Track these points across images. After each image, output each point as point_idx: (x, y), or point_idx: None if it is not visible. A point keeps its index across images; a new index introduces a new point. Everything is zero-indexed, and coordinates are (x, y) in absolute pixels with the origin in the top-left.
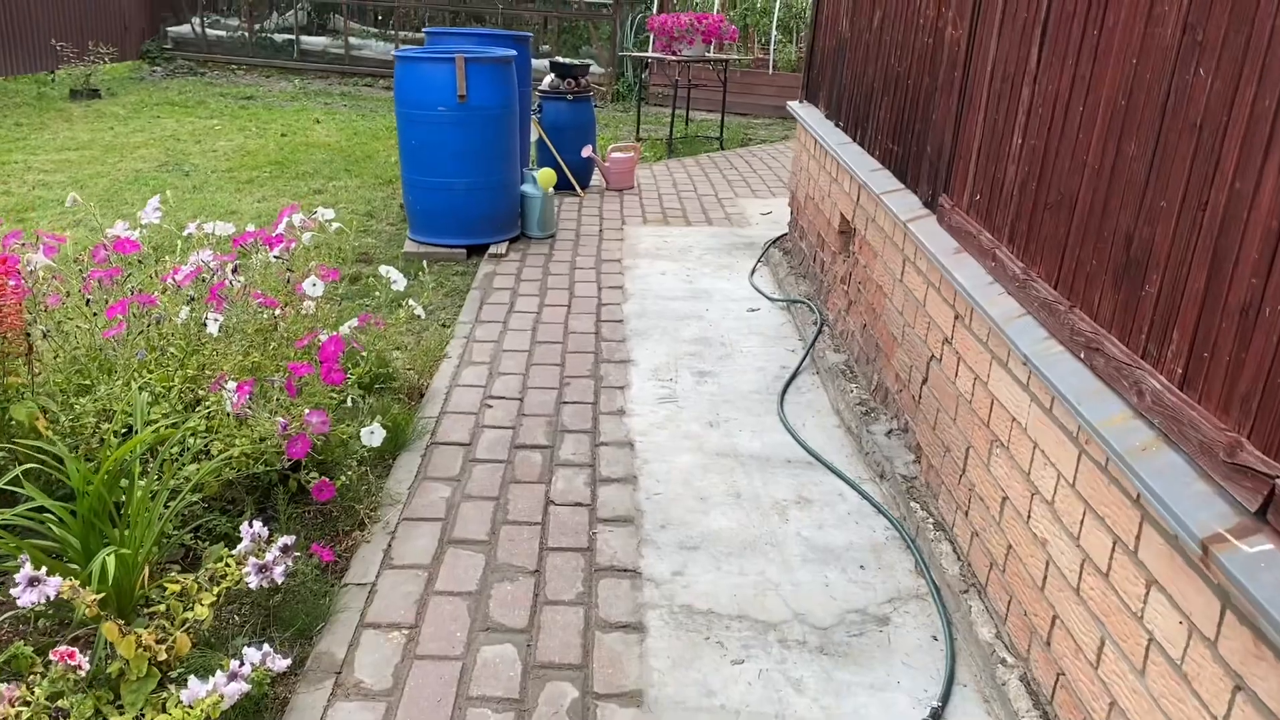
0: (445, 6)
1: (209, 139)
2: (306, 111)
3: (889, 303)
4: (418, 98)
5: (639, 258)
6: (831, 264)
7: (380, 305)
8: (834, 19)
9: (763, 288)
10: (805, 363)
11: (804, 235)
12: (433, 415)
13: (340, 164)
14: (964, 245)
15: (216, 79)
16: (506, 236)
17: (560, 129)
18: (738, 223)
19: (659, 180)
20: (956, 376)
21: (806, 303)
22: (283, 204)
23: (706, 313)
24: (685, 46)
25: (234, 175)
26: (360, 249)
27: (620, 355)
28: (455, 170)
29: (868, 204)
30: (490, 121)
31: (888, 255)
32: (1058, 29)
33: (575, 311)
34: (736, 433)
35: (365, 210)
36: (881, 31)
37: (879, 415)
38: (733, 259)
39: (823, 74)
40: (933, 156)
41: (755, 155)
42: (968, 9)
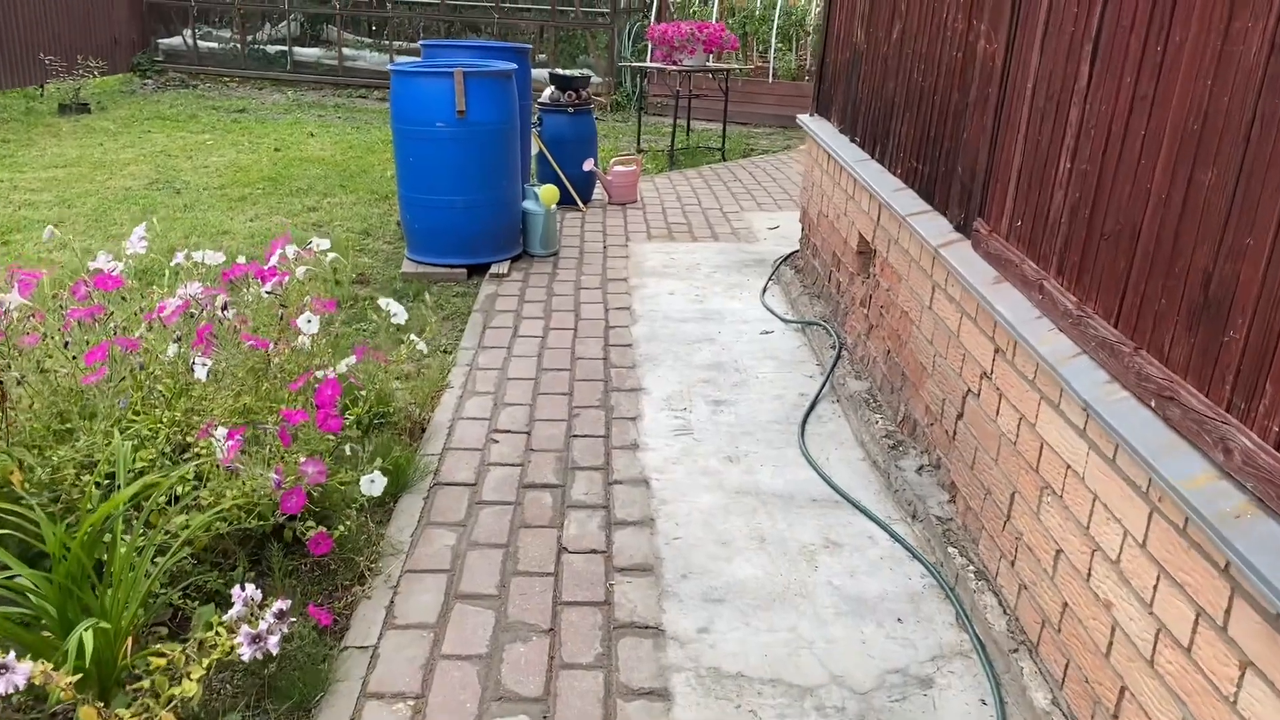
0: (440, 16)
1: (200, 154)
2: (300, 124)
3: (916, 330)
4: (415, 113)
5: (646, 276)
6: (849, 285)
7: (378, 330)
8: (847, 30)
9: (776, 308)
10: (825, 390)
11: (817, 254)
12: (435, 452)
13: (335, 179)
14: (1004, 274)
15: (208, 92)
16: (508, 255)
17: (561, 142)
18: (745, 238)
19: (662, 193)
20: (998, 415)
21: (823, 325)
22: (276, 222)
23: (718, 335)
24: (686, 56)
25: (226, 193)
26: (357, 269)
27: (631, 383)
28: (455, 188)
29: (890, 225)
30: (491, 137)
31: (914, 280)
32: (1112, 45)
33: (582, 335)
34: (757, 468)
35: (361, 228)
36: (902, 44)
37: (907, 449)
38: (742, 277)
39: (835, 87)
40: (964, 178)
41: (758, 166)
42: (1003, 22)
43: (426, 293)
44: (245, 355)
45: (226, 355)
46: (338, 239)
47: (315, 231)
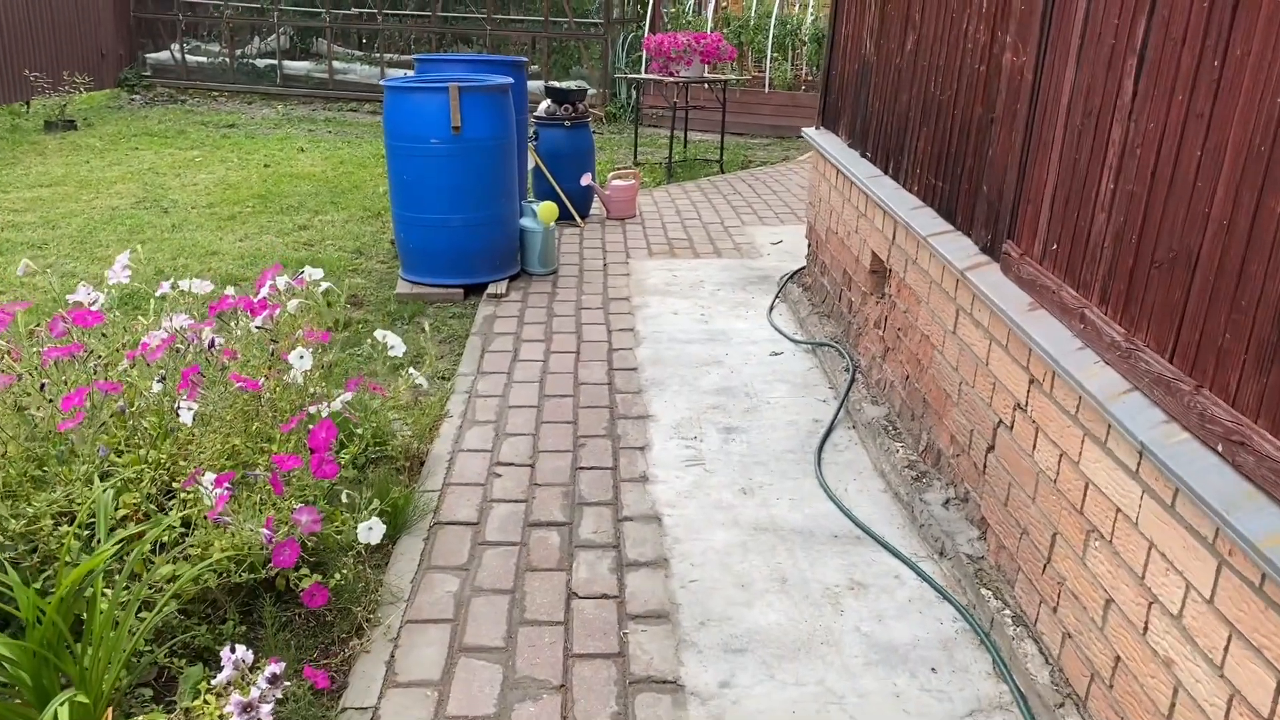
0: (431, 29)
1: (189, 172)
2: (290, 140)
3: (939, 356)
4: (409, 130)
5: (648, 295)
6: (861, 305)
7: (373, 356)
8: (855, 40)
9: (784, 328)
10: (840, 416)
11: (826, 271)
12: (435, 489)
13: (326, 196)
14: (1040, 301)
15: (197, 106)
16: (506, 274)
17: (558, 157)
18: (748, 253)
19: (661, 208)
20: (1035, 450)
21: (835, 346)
22: (266, 242)
23: (726, 357)
24: (683, 67)
25: (215, 211)
26: (350, 290)
27: (638, 409)
28: (450, 206)
29: (907, 244)
30: (487, 153)
31: (936, 303)
32: (1161, 59)
33: (585, 359)
34: (774, 501)
35: (354, 247)
36: (916, 55)
37: (932, 481)
38: (748, 295)
39: (843, 99)
40: (991, 197)
41: (757, 178)
42: (1032, 33)
43: (423, 315)
44: (234, 396)
45: (214, 397)
46: (330, 259)
47: (306, 251)
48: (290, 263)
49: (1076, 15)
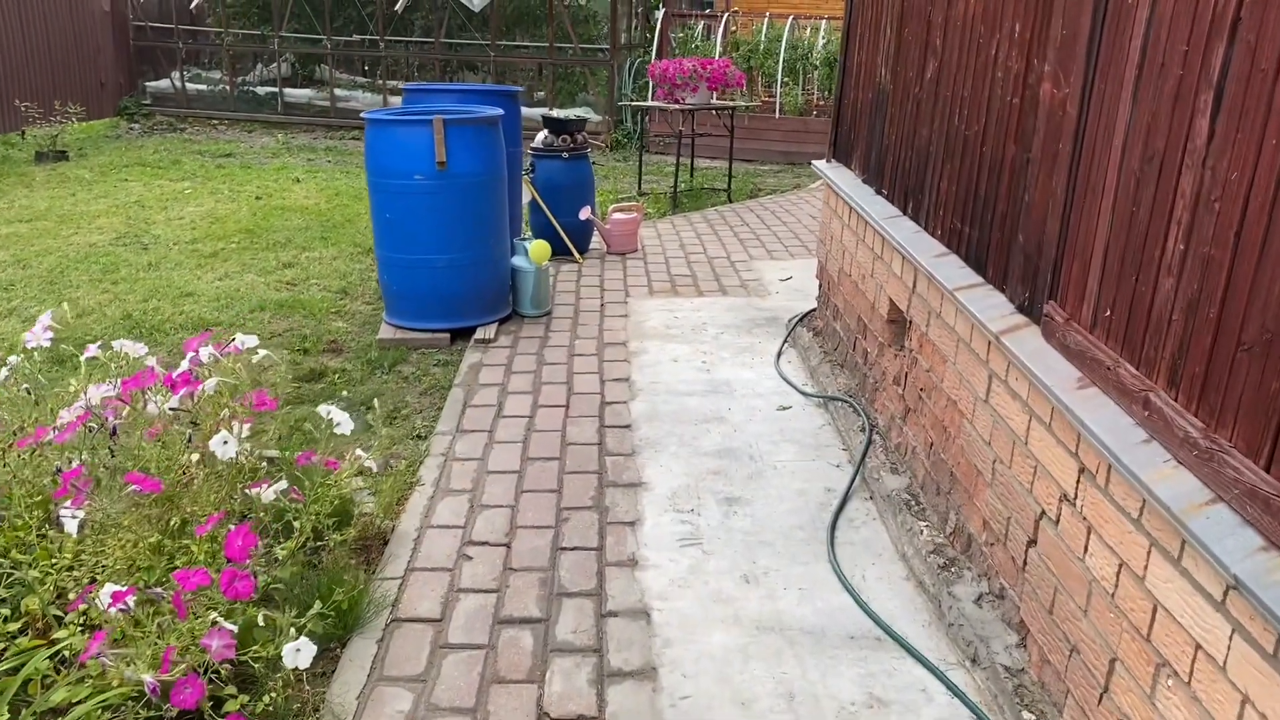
0: (435, 55)
1: (176, 205)
2: (286, 170)
3: (969, 426)
4: (391, 165)
5: (647, 339)
6: (878, 357)
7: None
8: (869, 68)
9: (793, 378)
10: (855, 484)
11: (839, 316)
12: (397, 575)
13: (316, 230)
14: (1091, 377)
15: (196, 135)
16: (495, 317)
17: (555, 189)
18: (755, 291)
19: (664, 241)
20: (1086, 554)
21: (849, 402)
22: (247, 282)
23: (729, 413)
24: (689, 94)
25: (197, 248)
26: (329, 336)
27: (629, 475)
28: (435, 246)
29: (930, 295)
30: (474, 190)
31: (964, 365)
32: (1246, 93)
33: (575, 414)
34: (780, 591)
35: (339, 286)
36: (938, 85)
37: (962, 571)
38: (754, 339)
39: (856, 131)
40: (1028, 248)
41: (766, 208)
42: (1076, 62)
43: (405, 363)
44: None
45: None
46: (312, 300)
47: (288, 292)
48: (269, 305)
49: (1132, 42)
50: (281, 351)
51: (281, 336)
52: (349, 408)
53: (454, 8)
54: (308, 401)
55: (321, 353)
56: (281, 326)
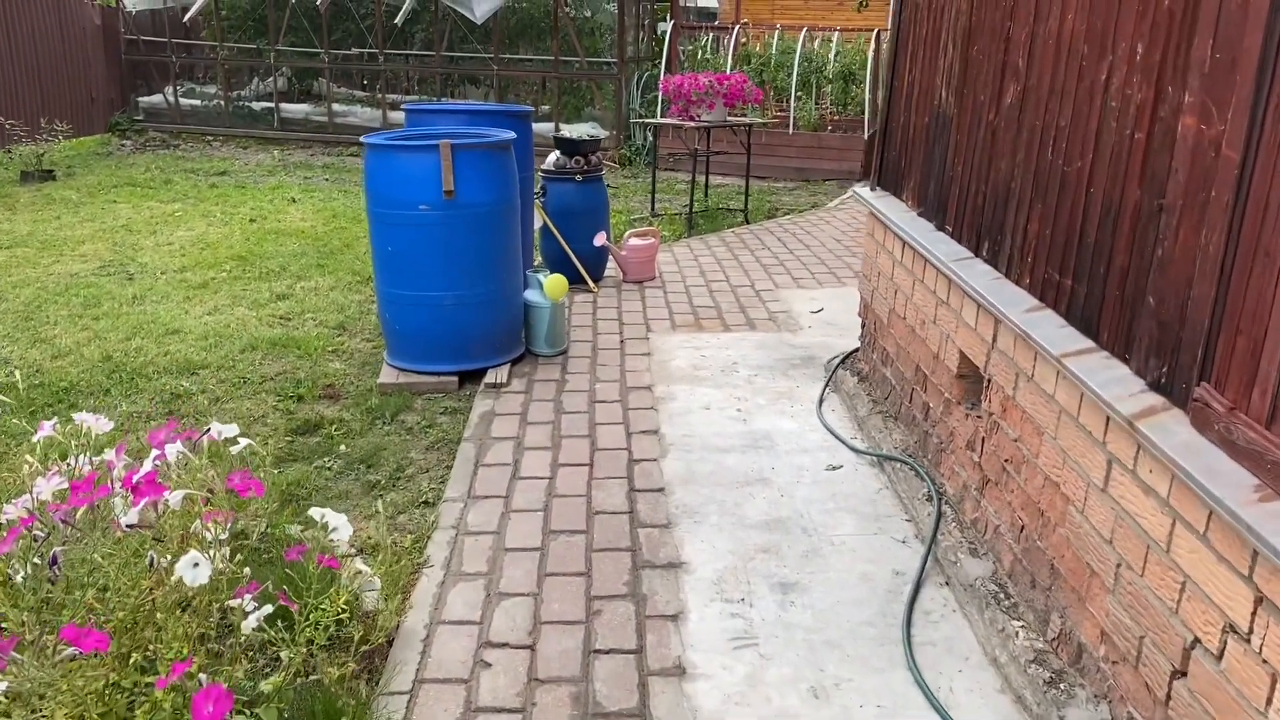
0: (436, 69)
1: (166, 228)
2: (282, 189)
3: (1077, 515)
4: (394, 194)
5: (673, 382)
6: (944, 415)
7: (343, 472)
8: (925, 87)
9: (840, 430)
10: (928, 566)
11: (889, 361)
12: (404, 689)
13: (313, 257)
14: (1275, 486)
15: (189, 152)
16: (507, 358)
17: (569, 215)
18: (785, 325)
19: (683, 266)
20: (1270, 707)
21: (909, 463)
22: (237, 316)
23: (773, 473)
24: (704, 111)
25: (186, 277)
26: (326, 380)
27: (667, 553)
28: (442, 282)
29: (1019, 354)
30: (485, 221)
31: (1071, 442)
32: None
33: (600, 474)
34: (856, 710)
35: (337, 321)
36: (1022, 111)
37: (1073, 689)
38: (791, 382)
39: (908, 158)
40: (1165, 315)
41: (786, 230)
42: (1237, 93)
43: (409, 410)
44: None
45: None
46: (307, 337)
47: (281, 328)
48: (261, 343)
49: None
50: (273, 399)
51: (274, 381)
52: (347, 467)
53: (455, 20)
54: (301, 459)
55: (317, 399)
56: (274, 369)
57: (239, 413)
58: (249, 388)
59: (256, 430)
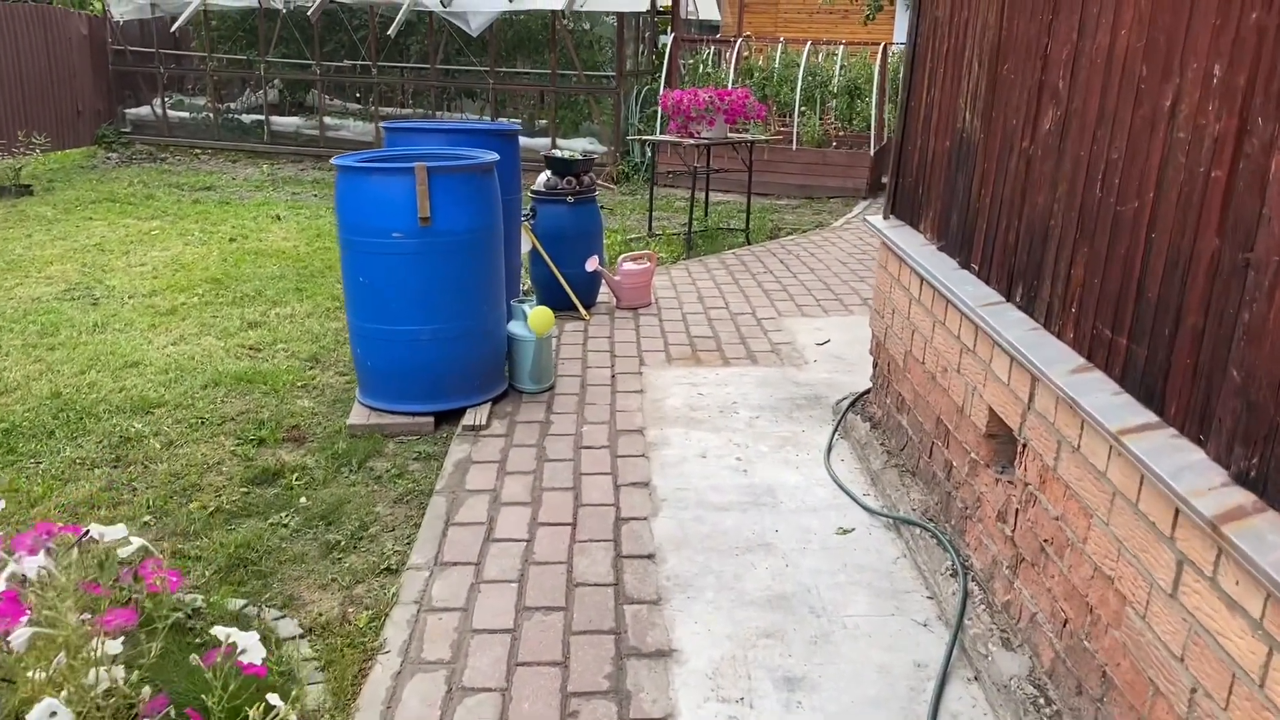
0: (431, 82)
1: (141, 248)
2: (268, 205)
3: (1137, 619)
4: (366, 220)
5: (667, 425)
6: (969, 476)
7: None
8: (946, 110)
9: (851, 485)
10: (954, 656)
11: (905, 408)
12: None
13: (292, 280)
14: None
15: (176, 165)
16: (488, 397)
17: (559, 238)
18: (789, 358)
19: (680, 291)
20: None
21: (929, 529)
22: (204, 346)
23: (777, 537)
24: (705, 127)
25: (154, 303)
26: (292, 420)
27: (655, 638)
28: (418, 315)
29: (1061, 420)
30: (465, 249)
31: (1127, 531)
32: None
33: (583, 536)
34: None
35: (310, 352)
36: (1063, 140)
37: None
38: (796, 426)
39: (926, 186)
40: (1255, 393)
41: (789, 251)
42: None
43: (379, 455)
44: None
45: None
46: (276, 371)
47: (249, 360)
48: (225, 378)
49: None
50: (232, 442)
51: (235, 421)
52: (306, 523)
53: (451, 32)
54: (256, 513)
55: (281, 442)
56: (236, 407)
57: (192, 459)
58: (207, 429)
59: (210, 480)
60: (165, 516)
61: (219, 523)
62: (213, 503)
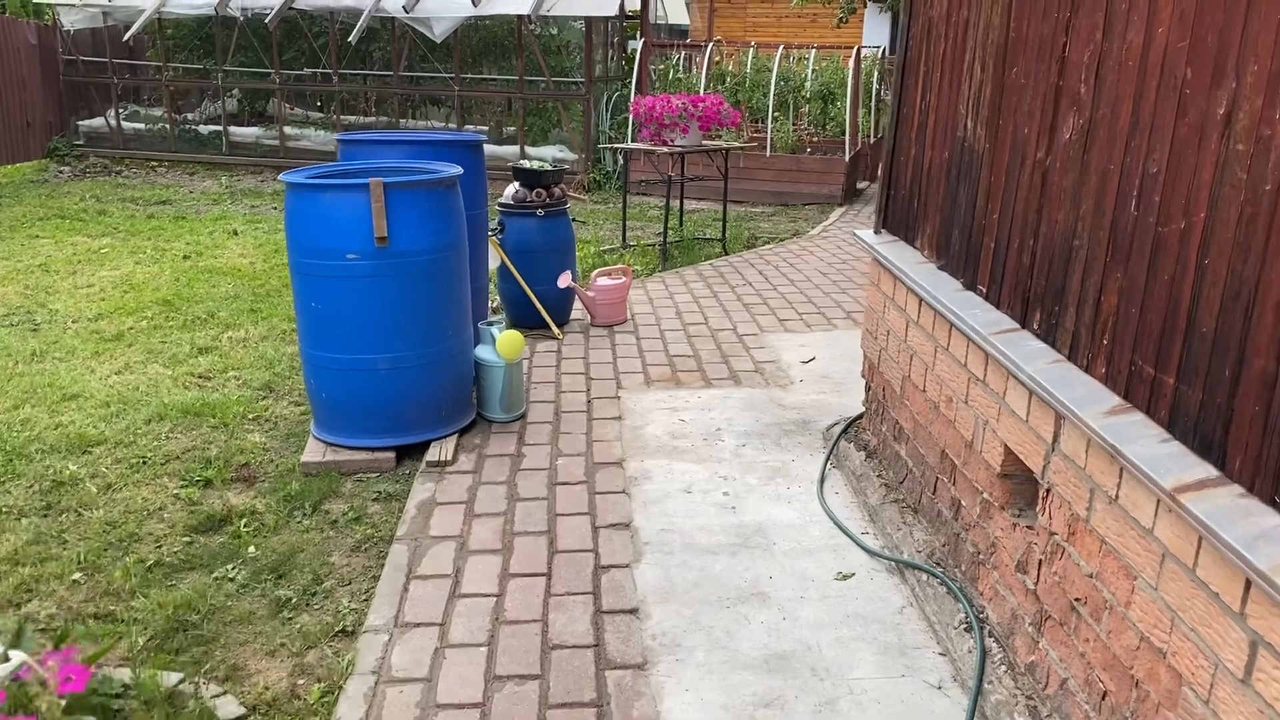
0: (395, 89)
1: (89, 268)
2: (225, 220)
3: (1203, 708)
4: (318, 241)
5: (648, 455)
6: (983, 519)
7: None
8: (944, 116)
9: (848, 522)
10: None
11: (903, 438)
12: None
13: (247, 300)
14: None
15: (131, 179)
16: (454, 428)
17: (529, 253)
18: (774, 379)
19: (657, 306)
20: None
21: (938, 575)
22: (150, 375)
23: (771, 585)
24: (678, 135)
25: (99, 328)
26: (242, 458)
27: (642, 710)
28: (376, 343)
29: (1092, 464)
30: (426, 271)
31: (1185, 603)
32: None
33: (560, 588)
34: None
35: (263, 380)
36: (1087, 149)
37: None
38: (785, 454)
39: (922, 199)
40: None
41: (768, 262)
42: None
43: (335, 495)
44: None
45: None
46: (226, 402)
47: (198, 390)
48: (171, 411)
49: None
50: (176, 484)
51: (180, 460)
52: (254, 577)
53: (415, 38)
54: (200, 566)
55: (229, 483)
56: (182, 444)
57: (131, 505)
58: (148, 470)
59: (149, 529)
60: (98, 573)
61: (157, 579)
62: (151, 555)
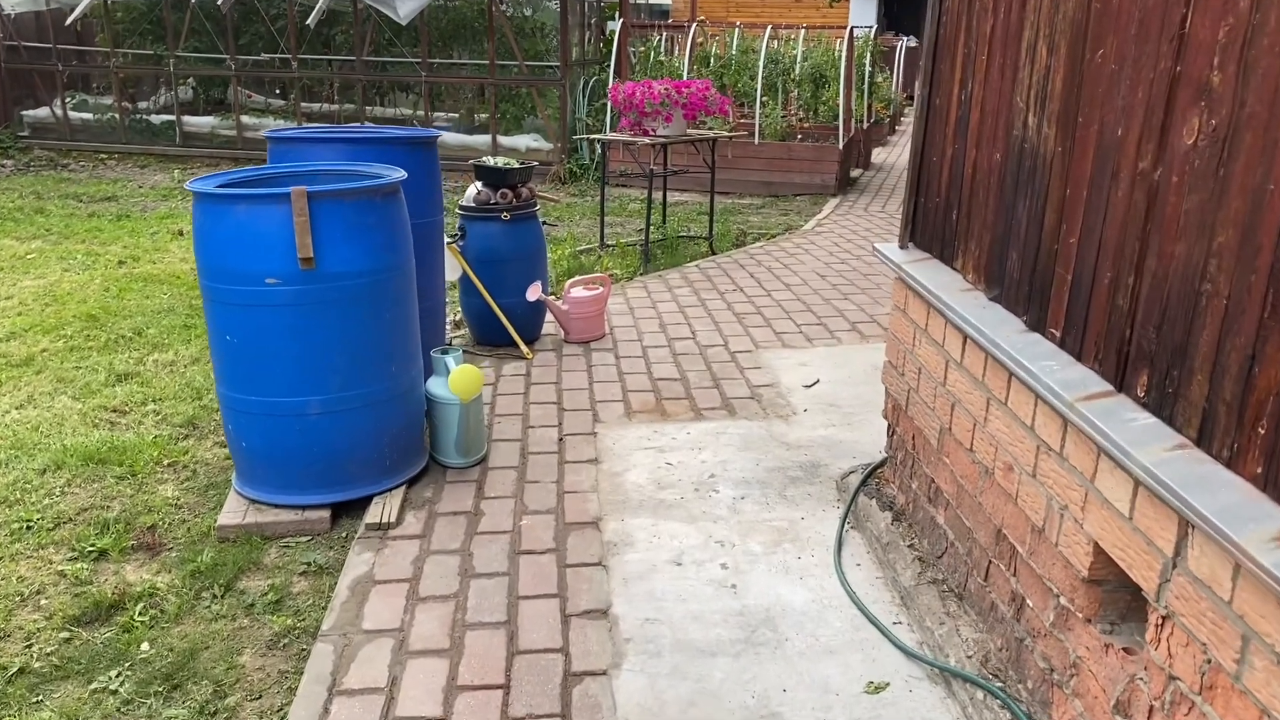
0: (360, 75)
1: (10, 276)
2: (172, 218)
3: None
4: (229, 264)
5: (629, 513)
6: (1059, 628)
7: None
8: (994, 108)
9: (876, 608)
10: None
11: (940, 501)
12: None
13: (182, 315)
14: None
15: (78, 173)
16: (401, 479)
17: (494, 261)
18: (773, 407)
19: (639, 317)
20: None
21: (994, 691)
22: (56, 411)
23: (785, 699)
24: (661, 124)
25: (9, 350)
26: (148, 519)
27: None
28: (304, 384)
29: (1241, 598)
30: (361, 297)
31: None
32: None
33: (520, 710)
34: None
35: (187, 414)
36: (1225, 160)
37: None
38: (793, 509)
39: (965, 210)
40: None
41: (759, 262)
42: None
43: (255, 569)
44: None
45: None
46: (139, 443)
47: (108, 429)
48: (73, 457)
49: None
50: (64, 556)
51: (73, 523)
52: (142, 689)
53: (379, 21)
54: (76, 673)
55: (128, 553)
56: (79, 501)
57: (5, 587)
58: (32, 538)
59: (21, 620)
60: None
61: (19, 693)
62: (19, 658)
